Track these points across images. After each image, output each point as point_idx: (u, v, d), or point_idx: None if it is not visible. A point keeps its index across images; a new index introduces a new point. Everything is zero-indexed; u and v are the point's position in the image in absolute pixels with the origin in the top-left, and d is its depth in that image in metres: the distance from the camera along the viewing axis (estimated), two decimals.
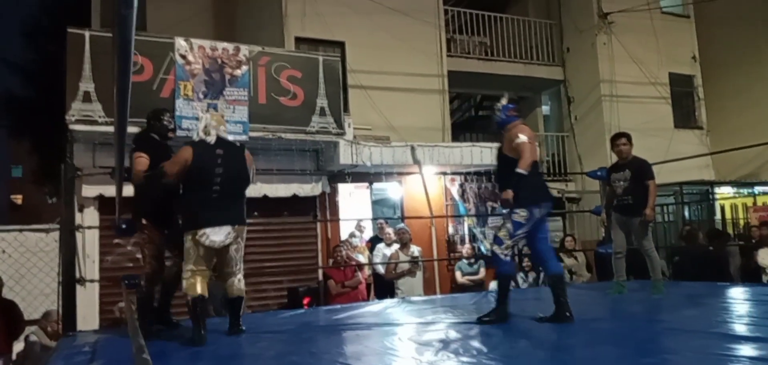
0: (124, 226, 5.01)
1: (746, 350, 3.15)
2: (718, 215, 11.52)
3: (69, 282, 4.90)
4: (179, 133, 7.38)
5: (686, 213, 11.31)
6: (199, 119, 4.38)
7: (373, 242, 8.38)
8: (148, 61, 7.46)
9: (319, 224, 8.74)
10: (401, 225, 8.02)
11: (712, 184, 11.83)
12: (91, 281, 6.97)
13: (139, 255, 7.63)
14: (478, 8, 12.41)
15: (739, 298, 5.31)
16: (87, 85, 7.12)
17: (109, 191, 6.90)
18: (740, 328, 3.89)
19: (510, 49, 12.49)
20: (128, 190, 4.51)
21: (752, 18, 13.71)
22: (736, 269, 8.12)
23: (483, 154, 9.25)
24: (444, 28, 11.33)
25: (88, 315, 6.77)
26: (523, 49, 12.66)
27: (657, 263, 5.73)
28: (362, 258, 7.98)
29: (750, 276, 7.84)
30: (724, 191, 12.12)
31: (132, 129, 6.91)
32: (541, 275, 7.78)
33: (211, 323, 5.78)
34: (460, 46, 12.28)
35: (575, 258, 8.56)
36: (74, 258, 5.11)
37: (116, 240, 7.45)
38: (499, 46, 12.48)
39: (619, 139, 5.88)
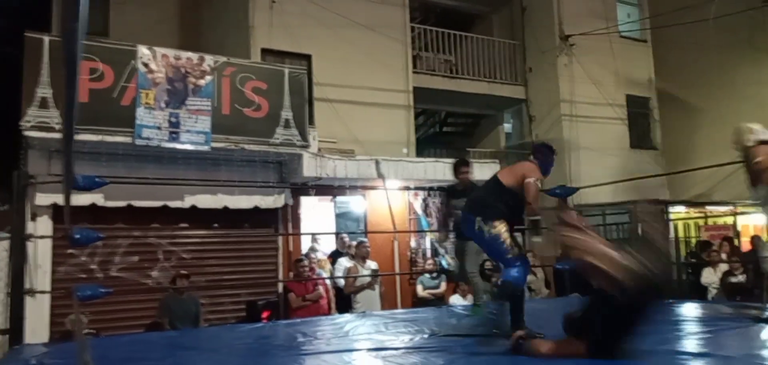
0: (77, 236, 4.89)
1: None
2: (672, 234, 11.87)
3: (17, 293, 4.75)
4: (138, 142, 7.30)
5: (640, 231, 11.61)
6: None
7: (334, 257, 8.36)
8: (109, 68, 7.33)
9: (280, 237, 8.68)
10: (361, 239, 8.03)
11: (666, 203, 12.19)
12: (42, 292, 6.76)
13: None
14: (445, 27, 12.60)
15: (684, 315, 5.47)
16: (44, 90, 6.96)
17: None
18: (690, 346, 3.99)
19: (474, 68, 12.69)
20: (83, 199, 4.41)
21: (705, 44, 14.23)
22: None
23: (446, 170, 9.34)
24: (410, 44, 11.45)
25: (37, 327, 6.56)
26: (487, 68, 12.88)
27: (479, 288, 5.79)
28: (324, 273, 7.96)
29: (699, 292, 8.17)
30: (677, 210, 12.51)
31: (86, 137, 6.83)
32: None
33: (167, 336, 5.69)
34: (426, 63, 12.42)
35: (534, 274, 8.70)
36: (24, 268, 4.95)
37: (70, 250, 7.26)
38: (464, 65, 12.66)
39: (464, 166, 5.87)
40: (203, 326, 6.97)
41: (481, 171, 9.66)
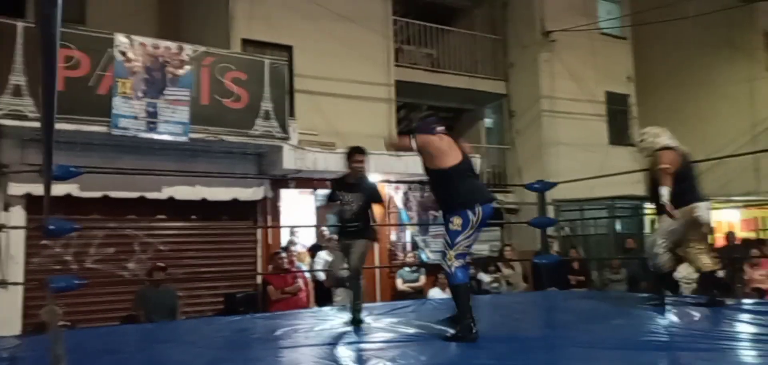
0: (52, 227, 4.81)
1: (670, 359, 3.30)
2: (647, 229, 12.06)
3: None
4: (114, 132, 7.18)
5: (617, 227, 11.78)
6: None
7: (313, 250, 8.33)
8: (85, 56, 7.21)
9: (259, 230, 8.62)
10: None
11: (643, 199, 12.36)
12: (15, 284, 6.64)
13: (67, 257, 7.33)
14: (426, 20, 12.59)
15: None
16: (18, 78, 6.81)
17: (38, 189, 6.60)
18: (665, 339, 4.05)
19: (456, 62, 12.71)
20: (58, 189, 4.32)
21: (684, 41, 14.47)
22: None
23: None
24: (392, 37, 11.42)
25: (10, 319, 6.44)
26: (469, 62, 12.93)
27: (361, 291, 5.04)
28: (303, 266, 7.93)
29: (672, 287, 8.34)
30: (652, 206, 12.67)
31: (61, 126, 6.72)
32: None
33: (142, 329, 5.62)
34: (408, 57, 12.41)
35: (512, 268, 8.76)
36: None
37: (44, 241, 7.13)
38: (445, 59, 12.68)
39: (359, 154, 5.03)
40: (181, 319, 6.91)
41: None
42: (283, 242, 8.49)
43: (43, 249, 7.28)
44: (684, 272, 8.38)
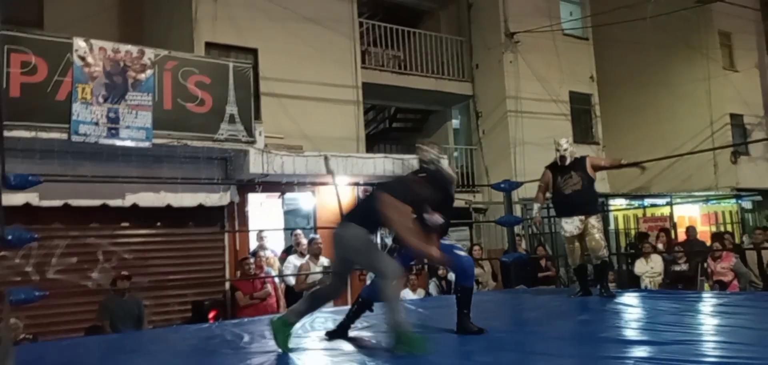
0: (9, 237, 4.66)
1: (637, 351, 3.37)
2: (612, 226, 12.32)
3: None
4: (74, 138, 7.01)
5: None
6: None
7: (288, 253, 8.26)
8: (43, 61, 7.01)
9: (226, 235, 8.51)
10: (312, 236, 7.97)
11: (607, 196, 12.63)
12: None
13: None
14: (393, 22, 12.63)
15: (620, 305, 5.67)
16: None
17: None
18: (630, 333, 4.14)
19: (423, 64, 12.79)
20: (16, 198, 4.19)
21: (644, 43, 14.85)
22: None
23: (396, 165, 9.38)
24: (359, 39, 11.42)
25: None
26: (435, 64, 13.01)
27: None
28: (273, 271, 7.85)
29: (634, 281, 8.56)
30: (617, 203, 12.98)
31: (18, 133, 6.52)
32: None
33: (107, 339, 5.49)
34: (374, 59, 12.42)
35: (482, 267, 8.84)
36: None
37: (2, 252, 6.90)
38: (412, 61, 12.74)
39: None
40: (147, 328, 6.78)
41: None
42: (252, 247, 8.39)
43: (2, 261, 7.05)
44: (644, 268, 8.61)
